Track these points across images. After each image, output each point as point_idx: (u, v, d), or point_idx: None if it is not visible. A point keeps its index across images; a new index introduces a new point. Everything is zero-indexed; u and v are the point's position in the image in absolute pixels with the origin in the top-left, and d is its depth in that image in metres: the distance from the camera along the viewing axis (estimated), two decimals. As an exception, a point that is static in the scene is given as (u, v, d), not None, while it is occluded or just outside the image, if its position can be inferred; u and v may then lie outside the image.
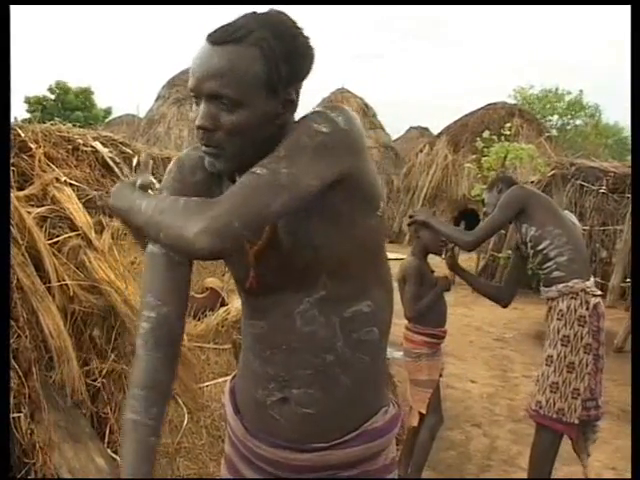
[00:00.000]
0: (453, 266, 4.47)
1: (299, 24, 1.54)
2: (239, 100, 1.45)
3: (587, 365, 3.78)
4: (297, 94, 1.55)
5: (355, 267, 1.60)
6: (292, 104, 1.54)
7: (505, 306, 4.49)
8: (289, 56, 1.49)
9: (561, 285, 3.84)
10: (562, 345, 3.81)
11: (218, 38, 1.47)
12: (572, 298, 3.81)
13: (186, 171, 1.69)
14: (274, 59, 1.46)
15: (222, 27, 1.48)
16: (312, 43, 1.55)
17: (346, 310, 1.61)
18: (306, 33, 1.54)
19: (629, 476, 4.75)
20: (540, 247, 3.93)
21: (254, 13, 1.51)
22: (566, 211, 4.37)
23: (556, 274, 3.87)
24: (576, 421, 3.80)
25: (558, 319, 3.85)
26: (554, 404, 3.81)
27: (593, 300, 3.82)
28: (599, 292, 3.91)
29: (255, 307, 1.72)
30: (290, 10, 1.54)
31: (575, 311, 3.79)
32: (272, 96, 1.48)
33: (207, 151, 1.52)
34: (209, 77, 1.45)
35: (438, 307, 4.39)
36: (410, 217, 4.39)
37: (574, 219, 4.22)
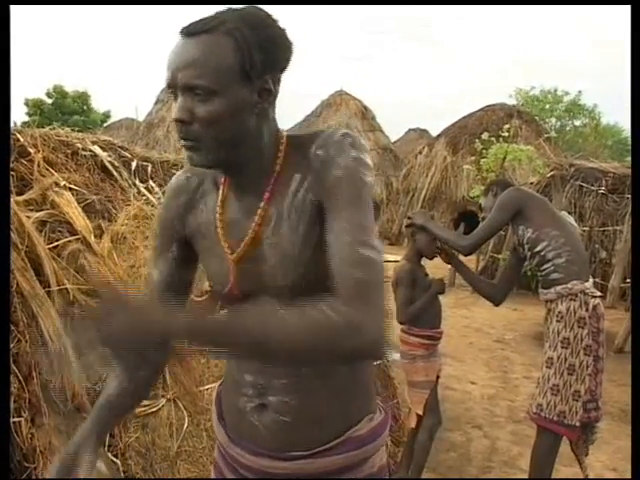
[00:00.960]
0: (450, 258, 4.47)
1: (275, 17, 1.55)
2: (213, 89, 1.46)
3: (587, 367, 3.78)
4: (275, 85, 1.55)
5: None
6: (269, 94, 1.54)
7: (497, 305, 4.48)
8: (263, 45, 1.49)
9: (560, 287, 3.84)
10: (562, 347, 3.82)
11: (191, 30, 1.49)
12: (571, 300, 3.81)
13: (171, 195, 1.75)
14: (247, 47, 1.47)
15: (195, 20, 1.50)
16: (289, 35, 1.56)
17: None
18: (282, 25, 1.55)
19: (628, 476, 4.78)
20: (537, 249, 3.93)
21: (229, 8, 1.53)
22: (563, 212, 4.38)
23: (554, 276, 3.88)
24: (577, 424, 3.80)
25: (558, 321, 3.85)
26: (555, 406, 3.81)
27: (592, 301, 3.82)
28: (598, 293, 3.91)
29: None
30: (275, 11, 1.55)
31: (575, 313, 3.80)
32: (246, 84, 1.49)
33: (185, 145, 1.53)
34: (182, 68, 1.47)
35: (432, 309, 4.40)
36: (408, 218, 4.40)
37: (571, 220, 4.22)
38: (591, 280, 3.92)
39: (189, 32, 1.49)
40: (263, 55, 1.49)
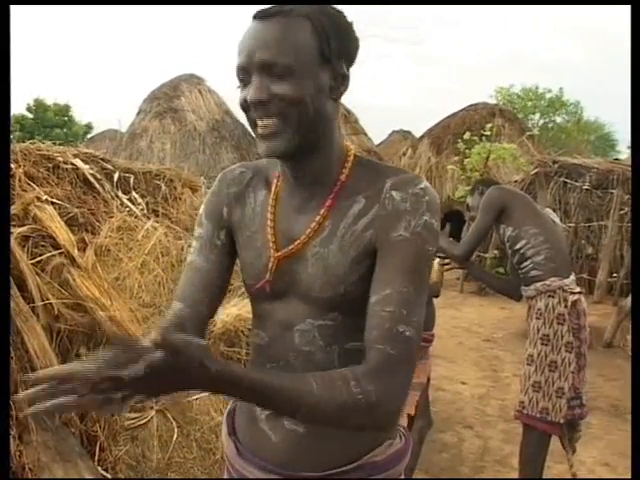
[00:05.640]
0: (462, 264, 4.50)
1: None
2: (292, 68, 1.42)
3: (570, 364, 3.79)
4: (349, 75, 1.53)
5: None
6: (345, 79, 1.51)
7: (519, 300, 4.45)
8: (338, 32, 1.48)
9: (539, 284, 3.87)
10: (542, 344, 3.83)
11: (266, 13, 1.45)
12: (550, 296, 3.84)
13: (222, 184, 1.72)
14: (324, 31, 1.45)
15: (268, 6, 1.47)
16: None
17: (347, 342, 1.56)
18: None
19: (620, 471, 4.81)
20: (517, 247, 3.96)
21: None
22: (547, 209, 4.40)
23: (534, 273, 3.90)
24: (562, 420, 3.81)
25: (537, 318, 3.88)
26: (537, 403, 3.83)
27: (571, 297, 3.83)
28: (578, 289, 3.92)
29: (259, 314, 1.69)
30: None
31: (553, 309, 3.82)
32: (324, 67, 1.46)
33: (264, 129, 1.47)
34: (259, 48, 1.43)
35: (426, 311, 4.38)
36: None
37: (554, 217, 4.24)
38: (572, 277, 3.93)
39: (265, 15, 1.45)
40: (338, 41, 1.48)
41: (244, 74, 1.47)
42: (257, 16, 1.47)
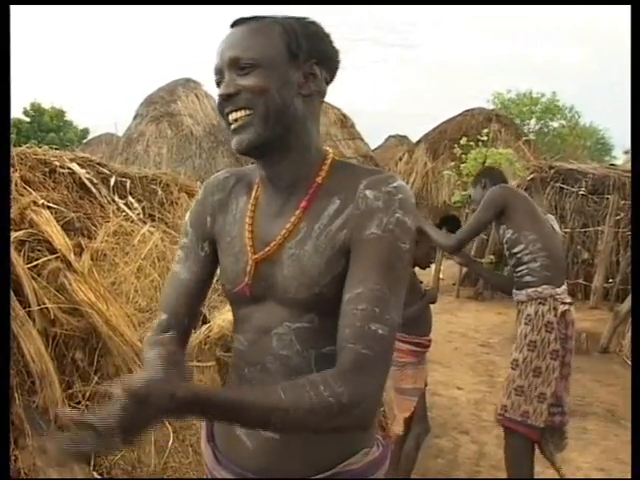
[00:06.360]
0: (463, 259, 4.55)
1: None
2: (257, 61, 1.50)
3: (554, 370, 3.81)
4: (321, 77, 1.58)
5: None
6: (316, 79, 1.56)
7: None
8: (309, 35, 1.56)
9: (531, 290, 3.89)
10: (529, 350, 3.86)
11: (240, 20, 1.57)
12: (540, 303, 3.86)
13: (207, 192, 1.75)
14: (294, 32, 1.54)
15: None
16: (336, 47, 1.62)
17: (324, 346, 1.55)
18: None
19: (616, 476, 4.81)
20: (515, 250, 3.98)
21: None
22: (549, 215, 4.39)
23: (527, 279, 3.93)
24: (541, 425, 3.83)
25: (526, 323, 3.90)
26: (519, 407, 3.85)
27: (562, 307, 3.86)
28: (569, 299, 3.95)
29: (238, 318, 1.71)
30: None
31: (543, 316, 3.84)
32: (292, 63, 1.53)
33: (235, 122, 1.53)
34: (229, 48, 1.54)
35: (424, 316, 4.40)
36: None
37: (555, 225, 4.24)
38: (564, 286, 3.95)
39: (238, 22, 1.57)
40: (310, 43, 1.55)
41: (219, 75, 1.57)
42: (232, 25, 1.58)
